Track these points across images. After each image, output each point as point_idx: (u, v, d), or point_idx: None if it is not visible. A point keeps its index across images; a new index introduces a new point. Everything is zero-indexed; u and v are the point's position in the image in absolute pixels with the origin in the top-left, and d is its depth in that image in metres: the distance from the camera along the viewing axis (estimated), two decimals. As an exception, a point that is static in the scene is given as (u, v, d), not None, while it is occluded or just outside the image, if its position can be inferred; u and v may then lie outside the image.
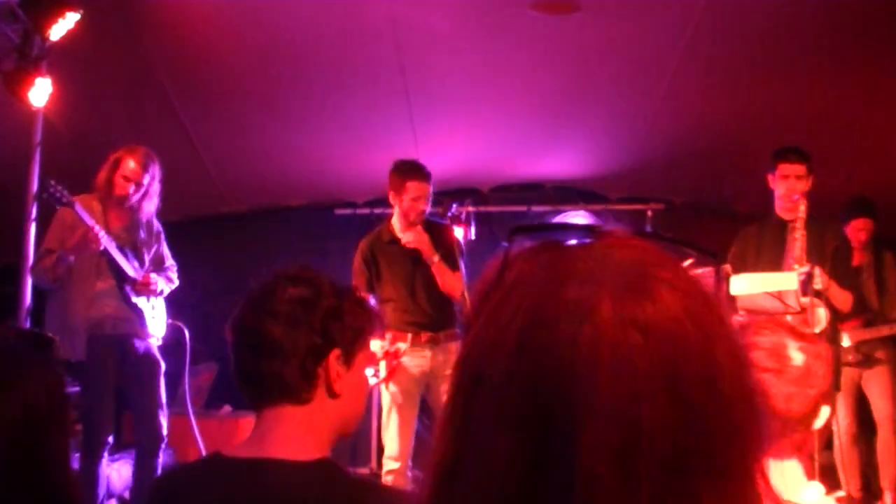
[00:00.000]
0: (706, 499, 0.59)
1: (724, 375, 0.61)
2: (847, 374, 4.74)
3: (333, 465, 1.47)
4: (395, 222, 4.44)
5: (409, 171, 4.36)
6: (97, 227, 4.05)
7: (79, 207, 4.08)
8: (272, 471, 1.43)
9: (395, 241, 4.40)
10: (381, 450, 6.56)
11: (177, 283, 4.54)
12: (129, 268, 4.25)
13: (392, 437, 4.31)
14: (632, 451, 0.57)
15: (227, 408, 5.94)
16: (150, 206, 4.36)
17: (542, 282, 0.62)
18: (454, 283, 4.28)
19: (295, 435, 1.47)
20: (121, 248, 4.27)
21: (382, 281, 4.40)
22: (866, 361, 4.83)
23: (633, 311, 0.59)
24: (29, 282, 4.58)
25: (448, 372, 4.14)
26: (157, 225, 4.52)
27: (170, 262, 4.57)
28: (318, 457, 1.46)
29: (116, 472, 4.81)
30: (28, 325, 4.60)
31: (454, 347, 4.22)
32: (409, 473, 4.31)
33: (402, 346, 4.29)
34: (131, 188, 4.22)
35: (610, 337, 0.59)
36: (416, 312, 4.32)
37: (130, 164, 4.21)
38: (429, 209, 4.39)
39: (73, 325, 4.17)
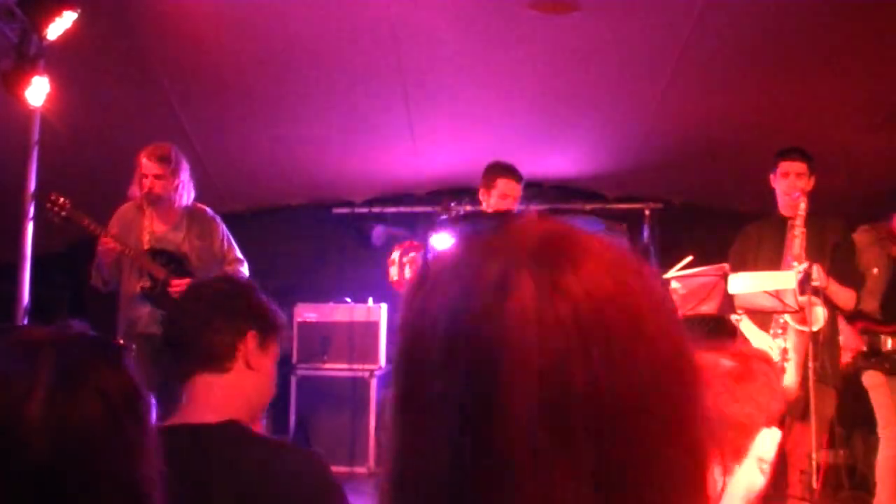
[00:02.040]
0: (641, 463, 0.60)
1: (654, 332, 0.62)
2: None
3: (242, 426, 1.74)
4: None
5: (502, 169, 4.53)
6: (110, 236, 4.23)
7: (89, 220, 4.24)
8: (187, 434, 1.69)
9: None
10: (378, 449, 6.58)
11: None
12: (160, 270, 4.35)
13: None
14: (568, 413, 0.58)
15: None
16: (184, 198, 4.43)
17: (464, 266, 0.64)
18: None
19: (215, 400, 1.75)
20: (158, 252, 4.39)
21: None
22: (895, 370, 4.37)
23: (554, 279, 0.61)
24: (27, 281, 4.58)
25: None
26: (211, 219, 4.58)
27: (233, 257, 4.59)
28: (226, 419, 1.72)
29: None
30: (25, 324, 4.60)
31: None
32: None
33: None
34: (151, 183, 4.32)
35: (534, 305, 0.60)
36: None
37: (144, 161, 4.33)
38: (516, 209, 4.49)
39: (116, 324, 4.42)
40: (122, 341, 4.07)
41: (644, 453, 0.60)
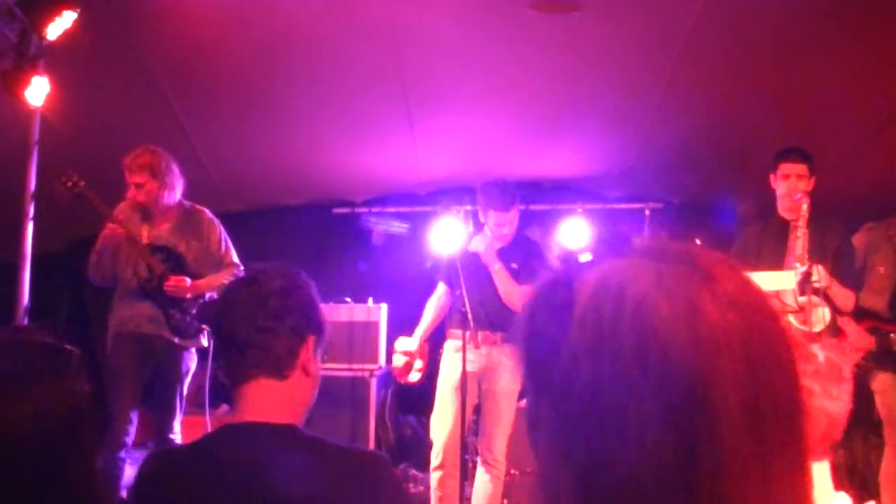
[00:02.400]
0: (791, 456, 0.69)
1: (788, 339, 0.72)
2: None
3: (302, 430, 1.71)
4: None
5: (491, 200, 4.49)
6: (117, 220, 4.25)
7: (99, 201, 4.26)
8: (254, 430, 1.66)
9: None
10: (378, 449, 6.59)
11: None
12: (158, 267, 4.34)
13: (435, 431, 4.42)
14: (759, 413, 0.67)
15: (225, 407, 5.94)
16: (174, 196, 4.44)
17: (635, 290, 0.70)
18: (512, 292, 4.38)
19: (272, 405, 1.70)
20: (157, 248, 4.39)
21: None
22: None
23: (724, 293, 0.69)
24: (27, 281, 4.58)
25: (501, 372, 4.34)
26: (209, 221, 4.59)
27: (230, 261, 4.60)
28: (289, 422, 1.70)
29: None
30: (26, 324, 4.60)
31: (508, 350, 4.33)
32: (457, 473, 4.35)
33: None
34: (133, 193, 4.35)
35: (718, 322, 0.68)
36: (476, 312, 4.37)
37: (126, 171, 4.36)
38: (513, 230, 4.53)
39: (110, 321, 4.41)
40: (71, 348, 4.02)
41: (790, 454, 0.69)
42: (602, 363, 0.69)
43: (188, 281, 4.39)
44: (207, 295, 4.45)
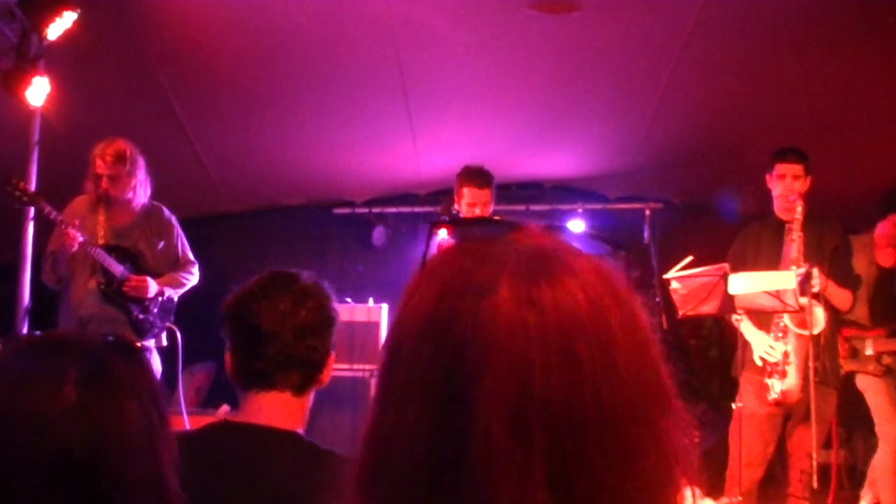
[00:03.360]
0: (601, 468, 0.63)
1: (620, 352, 0.66)
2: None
3: (303, 437, 1.66)
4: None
5: (466, 177, 4.50)
6: (71, 225, 4.09)
7: (50, 208, 4.12)
8: (262, 433, 1.61)
9: None
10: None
11: (191, 282, 4.49)
12: (116, 268, 4.26)
13: None
14: (524, 415, 0.62)
15: (225, 407, 5.94)
16: (141, 196, 4.35)
17: (455, 265, 0.69)
18: None
19: (282, 414, 1.64)
20: (113, 248, 4.29)
21: None
22: (887, 373, 4.61)
23: (529, 290, 0.66)
24: (27, 282, 4.58)
25: None
26: (168, 220, 4.51)
27: (186, 259, 4.54)
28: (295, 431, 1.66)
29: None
30: (26, 325, 4.60)
31: None
32: None
33: None
34: (106, 184, 4.23)
35: (506, 311, 0.65)
36: None
37: (98, 160, 4.24)
38: (489, 213, 4.49)
39: (65, 324, 4.24)
40: (138, 344, 4.00)
41: (598, 466, 0.63)
42: (407, 330, 0.68)
43: (149, 280, 4.32)
44: (167, 293, 4.40)
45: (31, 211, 4.53)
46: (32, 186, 4.56)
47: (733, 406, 4.05)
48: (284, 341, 1.59)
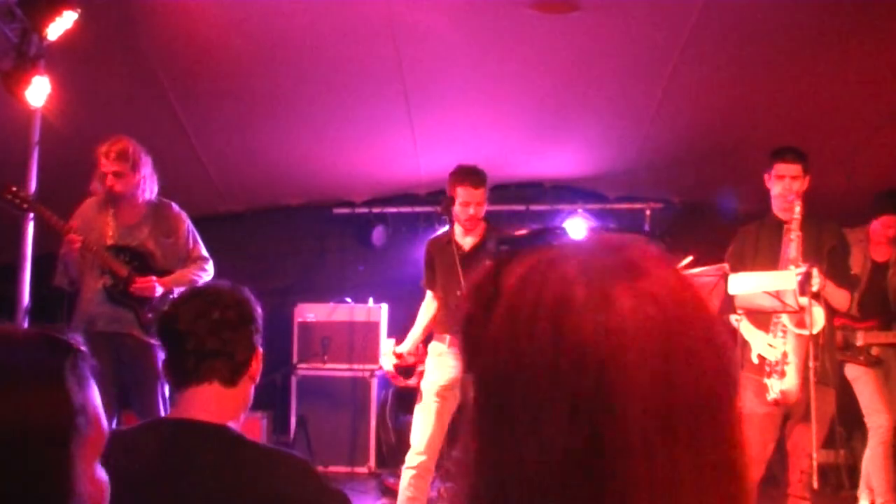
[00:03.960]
0: (720, 437, 0.68)
1: (717, 338, 0.70)
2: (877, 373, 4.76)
3: (236, 431, 1.77)
4: (457, 224, 4.51)
5: (459, 177, 4.47)
6: (70, 230, 4.15)
7: (49, 213, 4.17)
8: (191, 427, 1.74)
9: (451, 242, 4.48)
10: (379, 449, 6.59)
11: (203, 279, 4.47)
12: (121, 270, 4.28)
13: (415, 431, 4.42)
14: (669, 408, 0.65)
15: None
16: (147, 193, 4.37)
17: (556, 280, 0.69)
18: None
19: (216, 408, 1.77)
20: (122, 248, 4.32)
21: (436, 281, 4.52)
22: (877, 364, 4.77)
23: (641, 287, 0.68)
24: (27, 282, 4.58)
25: None
26: (176, 216, 4.52)
27: (198, 255, 4.54)
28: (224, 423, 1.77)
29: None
30: (26, 324, 4.60)
31: None
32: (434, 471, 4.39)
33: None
34: (111, 182, 4.25)
35: (632, 314, 0.66)
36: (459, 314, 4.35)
37: (103, 159, 4.26)
38: (482, 214, 4.48)
39: (76, 322, 4.31)
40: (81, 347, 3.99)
41: (726, 446, 0.68)
42: (518, 353, 0.67)
43: (155, 280, 4.33)
44: (176, 291, 4.41)
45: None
46: (33, 187, 4.57)
47: (733, 406, 4.05)
48: (199, 336, 1.77)
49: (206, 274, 4.52)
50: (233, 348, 1.80)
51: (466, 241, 4.47)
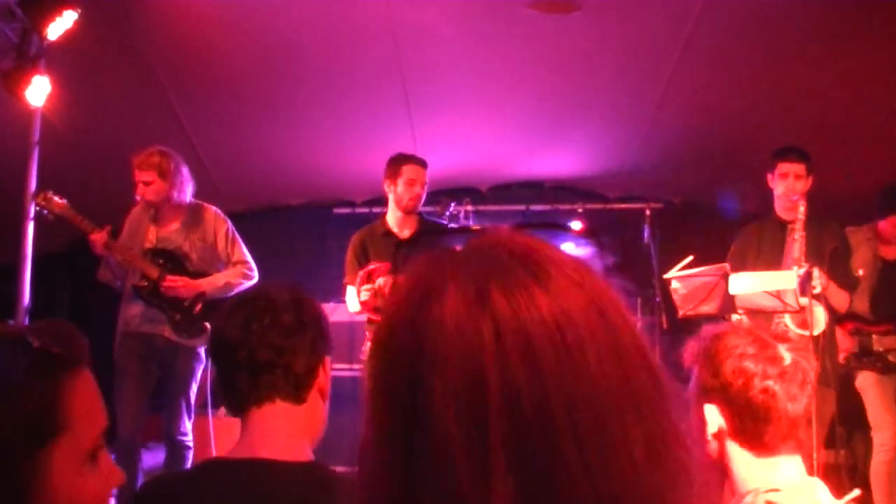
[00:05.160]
0: (577, 460, 0.61)
1: (586, 367, 0.63)
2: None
3: (323, 467, 1.53)
4: (390, 215, 4.55)
5: (405, 156, 4.54)
6: (92, 232, 4.28)
7: (80, 217, 4.29)
8: (265, 471, 1.48)
9: (389, 233, 4.47)
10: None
11: (244, 283, 4.50)
12: (151, 271, 4.38)
13: None
14: (481, 421, 0.61)
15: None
16: (180, 198, 4.45)
17: (412, 279, 0.69)
18: None
19: (288, 432, 1.54)
20: (160, 251, 4.44)
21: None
22: (892, 370, 4.55)
23: (485, 297, 0.64)
24: (27, 281, 4.58)
25: None
26: (213, 219, 4.58)
27: (238, 258, 4.58)
28: (307, 459, 1.54)
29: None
30: (26, 324, 4.60)
31: None
32: None
33: None
34: (142, 191, 4.38)
35: (455, 319, 0.64)
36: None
37: (135, 170, 4.38)
38: (423, 196, 4.50)
39: (118, 321, 4.47)
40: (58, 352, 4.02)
41: (573, 458, 0.61)
42: (384, 350, 0.69)
43: (187, 281, 4.40)
44: (209, 293, 4.44)
45: (31, 210, 4.54)
46: (33, 187, 4.57)
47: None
48: (251, 346, 1.53)
49: (248, 279, 4.54)
50: (290, 358, 1.54)
51: (405, 233, 4.51)
